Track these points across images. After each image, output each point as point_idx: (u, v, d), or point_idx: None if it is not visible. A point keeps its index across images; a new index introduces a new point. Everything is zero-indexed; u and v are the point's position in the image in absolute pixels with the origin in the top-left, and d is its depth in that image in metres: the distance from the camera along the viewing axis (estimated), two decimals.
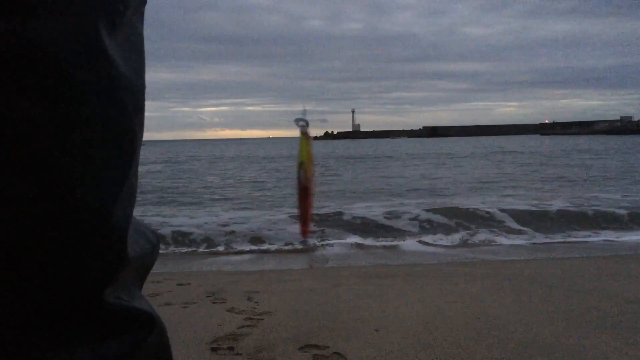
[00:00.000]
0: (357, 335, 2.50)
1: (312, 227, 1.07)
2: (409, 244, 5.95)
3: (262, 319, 2.79)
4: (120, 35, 0.62)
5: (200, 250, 5.89)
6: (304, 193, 1.01)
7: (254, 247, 5.85)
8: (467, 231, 6.58)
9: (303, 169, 1.00)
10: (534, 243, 5.84)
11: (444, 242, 5.95)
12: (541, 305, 2.97)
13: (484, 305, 2.99)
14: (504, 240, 6.00)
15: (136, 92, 0.63)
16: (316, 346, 2.35)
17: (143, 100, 0.65)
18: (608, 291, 3.28)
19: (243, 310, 2.98)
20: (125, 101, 0.61)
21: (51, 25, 0.53)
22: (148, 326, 0.68)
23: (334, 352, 2.27)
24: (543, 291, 3.32)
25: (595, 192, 10.54)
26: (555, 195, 10.23)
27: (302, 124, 1.00)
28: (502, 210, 8.19)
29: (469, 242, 5.94)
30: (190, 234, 6.78)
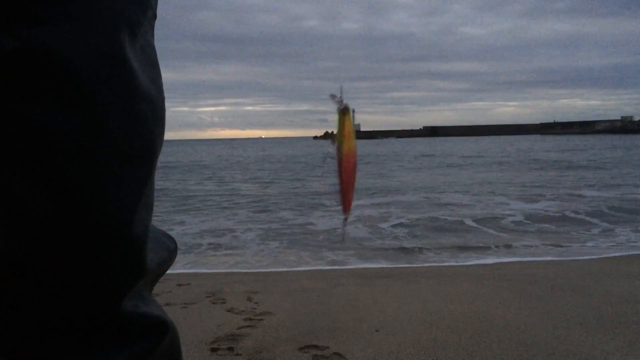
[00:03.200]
0: (357, 335, 2.49)
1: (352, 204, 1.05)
2: (409, 244, 5.94)
3: (262, 319, 2.79)
4: (137, 46, 0.62)
5: (200, 250, 5.88)
6: (344, 168, 0.98)
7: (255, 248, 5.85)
8: (467, 232, 6.58)
9: (343, 144, 0.97)
10: (535, 244, 5.83)
11: (444, 244, 5.94)
12: (542, 305, 2.97)
13: (484, 305, 2.99)
14: (503, 241, 5.99)
15: (156, 103, 0.63)
16: (316, 346, 2.35)
17: (163, 111, 0.65)
18: (609, 291, 3.28)
19: (243, 311, 2.98)
20: (145, 112, 0.61)
21: (71, 35, 0.53)
22: (162, 331, 0.70)
23: (334, 353, 2.27)
24: (543, 291, 3.32)
25: (586, 191, 10.54)
26: (552, 195, 10.23)
27: (338, 100, 0.98)
28: (502, 210, 8.20)
29: (469, 242, 5.93)
30: (193, 235, 6.78)
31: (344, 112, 0.97)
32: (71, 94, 0.53)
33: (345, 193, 1.00)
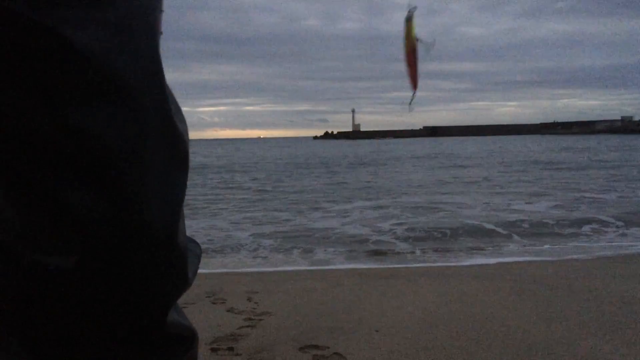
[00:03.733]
0: (357, 335, 2.49)
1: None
2: (409, 245, 5.94)
3: (262, 319, 2.79)
4: None
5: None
6: (412, 54, 1.33)
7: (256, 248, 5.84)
8: (467, 232, 6.57)
9: (408, 41, 1.33)
10: (535, 243, 5.83)
11: (444, 244, 5.93)
12: (542, 305, 2.97)
13: (484, 305, 2.99)
14: (504, 241, 5.99)
15: (181, 117, 0.64)
16: (316, 346, 2.35)
17: (186, 124, 0.66)
18: (609, 292, 3.28)
19: (243, 311, 2.98)
20: (178, 123, 0.61)
21: (117, 43, 0.53)
22: (192, 340, 0.72)
23: (334, 353, 2.27)
24: (544, 292, 3.32)
25: (587, 193, 10.54)
26: (552, 195, 10.23)
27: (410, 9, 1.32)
28: (503, 211, 8.21)
29: (469, 242, 5.93)
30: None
31: (408, 20, 1.32)
32: (120, 101, 0.53)
33: (411, 73, 1.35)
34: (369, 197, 10.56)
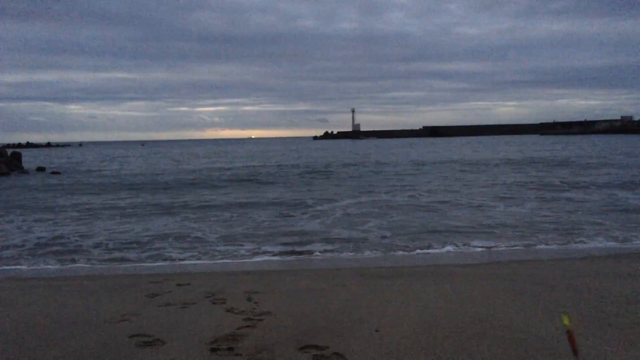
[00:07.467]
0: (357, 335, 2.50)
1: None
2: (409, 246, 5.94)
3: (262, 319, 2.79)
4: None
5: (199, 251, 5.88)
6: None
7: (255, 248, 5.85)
8: (466, 234, 6.58)
9: None
10: (532, 244, 5.83)
11: (444, 245, 5.94)
12: (542, 305, 2.97)
13: (484, 305, 2.99)
14: (503, 242, 5.99)
15: None
16: (316, 346, 2.35)
17: None
18: (608, 291, 3.28)
19: (243, 311, 2.98)
20: None
21: None
22: None
23: (334, 353, 2.27)
24: (544, 291, 3.32)
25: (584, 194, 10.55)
26: (550, 196, 10.22)
27: None
28: (498, 211, 8.20)
29: (469, 244, 5.93)
30: (195, 232, 6.78)
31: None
32: None
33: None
34: (356, 195, 10.54)
